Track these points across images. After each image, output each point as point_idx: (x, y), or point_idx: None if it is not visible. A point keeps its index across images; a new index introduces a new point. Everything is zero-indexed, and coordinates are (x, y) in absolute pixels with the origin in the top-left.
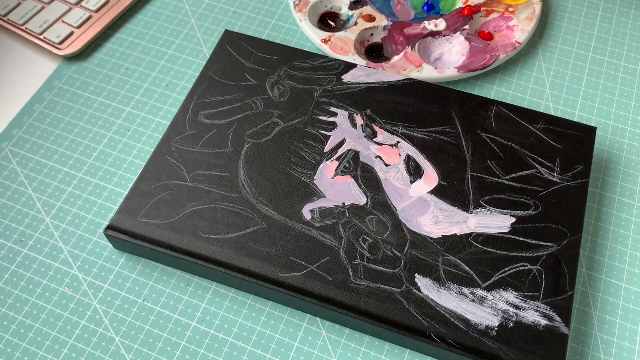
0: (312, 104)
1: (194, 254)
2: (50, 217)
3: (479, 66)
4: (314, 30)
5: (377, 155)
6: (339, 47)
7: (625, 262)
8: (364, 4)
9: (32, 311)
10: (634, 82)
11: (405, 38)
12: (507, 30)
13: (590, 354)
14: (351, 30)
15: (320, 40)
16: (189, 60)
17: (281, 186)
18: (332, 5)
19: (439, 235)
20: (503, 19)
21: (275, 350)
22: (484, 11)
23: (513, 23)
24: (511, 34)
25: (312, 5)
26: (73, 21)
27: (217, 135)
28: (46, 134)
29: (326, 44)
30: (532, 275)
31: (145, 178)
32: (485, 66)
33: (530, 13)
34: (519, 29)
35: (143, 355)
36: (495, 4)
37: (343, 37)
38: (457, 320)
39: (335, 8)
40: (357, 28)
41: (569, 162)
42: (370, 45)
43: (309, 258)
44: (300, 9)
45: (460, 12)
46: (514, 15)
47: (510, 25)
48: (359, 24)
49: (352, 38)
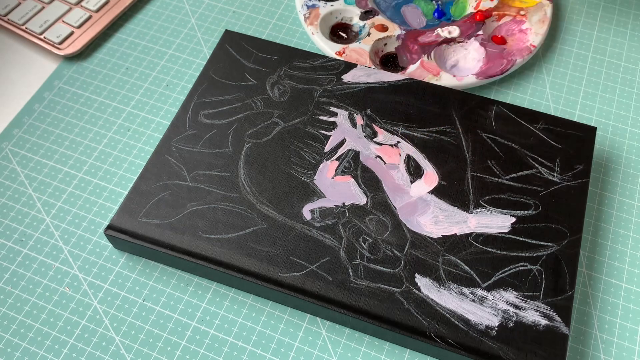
0: (312, 104)
1: (194, 254)
2: (50, 217)
3: (497, 72)
4: (327, 43)
5: (377, 155)
6: (354, 59)
7: (625, 262)
8: (375, 14)
9: (32, 311)
10: (634, 82)
11: (420, 46)
12: (520, 34)
13: (590, 354)
14: (365, 41)
15: (335, 53)
16: (189, 60)
17: (281, 186)
18: (343, 17)
19: (439, 235)
20: (515, 23)
21: (275, 350)
22: (496, 15)
23: (526, 26)
24: (525, 37)
25: (322, 18)
26: (73, 21)
27: (217, 135)
28: (46, 134)
29: (341, 56)
30: (532, 275)
31: (145, 178)
32: (504, 71)
33: (542, 15)
34: (532, 32)
35: (143, 355)
36: (506, 7)
37: (357, 49)
38: (457, 320)
39: (346, 19)
40: (371, 39)
41: (569, 162)
42: (385, 55)
43: (309, 258)
44: (312, 22)
45: (473, 17)
46: (526, 18)
47: (523, 29)
48: (372, 35)
49: (366, 49)
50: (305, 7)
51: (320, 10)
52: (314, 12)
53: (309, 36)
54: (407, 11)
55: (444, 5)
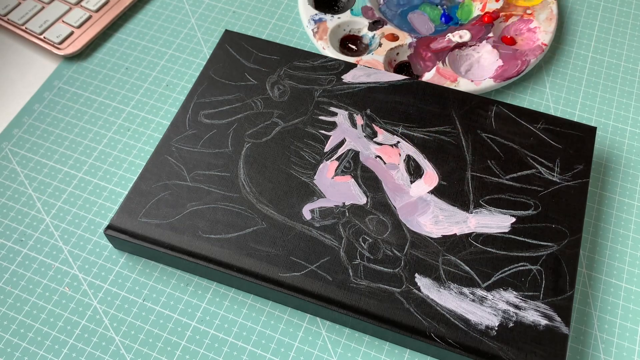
0: (312, 104)
1: (194, 254)
2: (50, 217)
3: (513, 73)
4: (339, 57)
5: (377, 155)
6: None
7: (625, 262)
8: (384, 24)
9: (32, 311)
10: (634, 82)
11: (433, 53)
12: (528, 33)
13: (590, 354)
14: (377, 52)
15: None
16: (189, 60)
17: (281, 186)
18: (351, 28)
19: (439, 235)
20: (522, 22)
21: (275, 350)
22: (503, 16)
23: (534, 25)
24: (534, 36)
25: (331, 31)
26: (73, 21)
27: (217, 135)
28: (46, 134)
29: None
30: (532, 275)
31: (145, 178)
32: (519, 72)
33: (549, 13)
34: (541, 30)
35: (143, 355)
36: (512, 7)
37: (371, 60)
38: (457, 320)
39: (355, 30)
40: (383, 49)
41: (569, 162)
42: (398, 64)
43: (309, 258)
44: (321, 36)
45: (481, 20)
46: (533, 17)
47: (531, 28)
48: (384, 45)
49: (380, 60)
50: (312, 21)
51: (328, 24)
52: (322, 26)
53: (320, 51)
54: (414, 18)
55: (449, 10)
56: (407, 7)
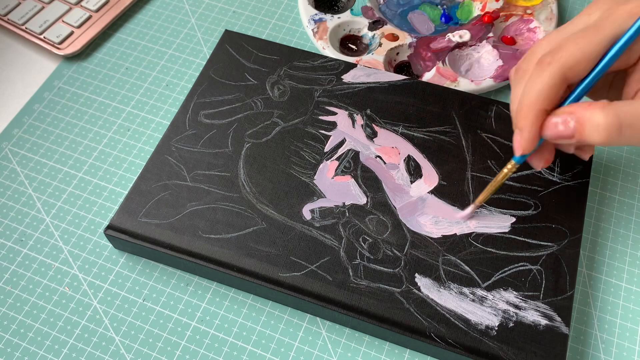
0: (312, 104)
1: (194, 254)
2: (50, 217)
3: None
4: (339, 56)
5: (377, 155)
6: None
7: (625, 262)
8: (384, 24)
9: (32, 311)
10: None
11: (433, 53)
12: (529, 33)
13: (590, 354)
14: (377, 52)
15: None
16: (189, 60)
17: (281, 186)
18: (351, 28)
19: (439, 235)
20: (522, 22)
21: (275, 350)
22: (503, 16)
23: (534, 25)
24: (534, 36)
25: (331, 31)
26: (73, 21)
27: (217, 135)
28: (46, 134)
29: None
30: (532, 275)
31: (145, 178)
32: None
33: (549, 13)
34: (541, 30)
35: (143, 355)
36: (512, 7)
37: (371, 60)
38: (457, 320)
39: (354, 30)
40: (383, 49)
41: (569, 162)
42: (398, 64)
43: (309, 258)
44: (321, 36)
45: (481, 20)
46: (533, 17)
47: (531, 28)
48: (384, 45)
49: (380, 60)
50: (313, 21)
51: (328, 24)
52: (322, 26)
53: (320, 51)
54: (414, 18)
55: (449, 9)
56: (407, 7)
